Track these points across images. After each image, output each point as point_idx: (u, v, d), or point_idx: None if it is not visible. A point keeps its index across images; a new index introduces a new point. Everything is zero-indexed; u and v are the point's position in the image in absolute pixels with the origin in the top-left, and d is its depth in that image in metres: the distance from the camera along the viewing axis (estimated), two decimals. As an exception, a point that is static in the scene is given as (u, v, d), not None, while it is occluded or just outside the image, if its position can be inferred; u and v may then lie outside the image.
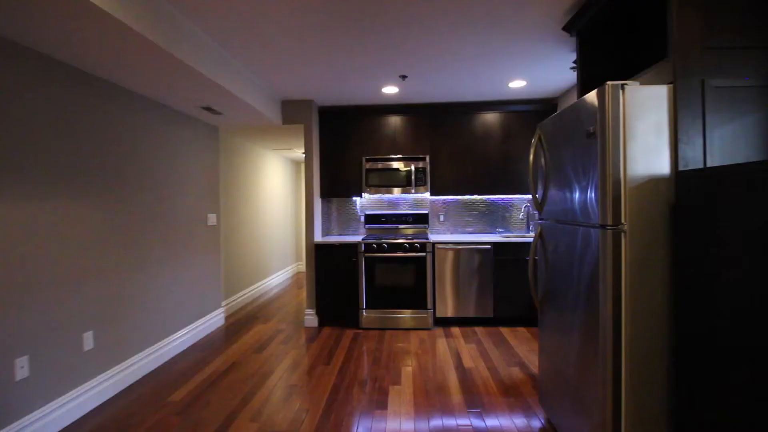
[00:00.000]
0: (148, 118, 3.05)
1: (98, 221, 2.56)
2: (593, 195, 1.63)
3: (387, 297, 3.90)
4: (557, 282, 2.02)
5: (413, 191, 4.14)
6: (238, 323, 4.17)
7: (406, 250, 3.89)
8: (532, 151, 2.22)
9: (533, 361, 3.08)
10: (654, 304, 1.54)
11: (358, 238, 4.09)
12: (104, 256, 2.61)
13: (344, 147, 4.26)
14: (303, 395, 2.59)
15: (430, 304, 3.88)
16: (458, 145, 4.20)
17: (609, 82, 1.52)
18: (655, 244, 1.53)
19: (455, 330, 3.87)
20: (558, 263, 2.01)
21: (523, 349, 3.35)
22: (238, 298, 4.80)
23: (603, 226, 1.56)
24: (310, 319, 4.03)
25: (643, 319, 1.54)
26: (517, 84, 3.60)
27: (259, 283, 5.51)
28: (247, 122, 3.96)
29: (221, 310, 4.17)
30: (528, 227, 4.47)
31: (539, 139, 2.22)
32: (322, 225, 4.40)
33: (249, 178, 5.26)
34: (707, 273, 1.35)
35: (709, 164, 1.53)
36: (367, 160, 4.18)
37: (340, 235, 4.61)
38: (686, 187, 1.47)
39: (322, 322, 4.08)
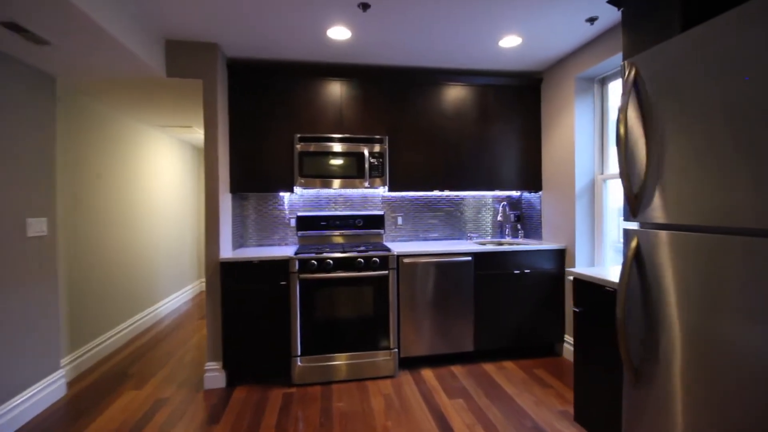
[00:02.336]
0: None
1: None
2: None
3: (332, 336, 2.71)
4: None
5: (366, 184, 3.02)
6: (92, 391, 2.62)
7: (359, 268, 2.75)
8: (621, 115, 1.27)
9: (549, 422, 2.18)
10: None
11: (288, 252, 2.83)
12: None
13: (267, 120, 2.97)
14: None
15: (393, 342, 2.79)
16: (425, 125, 3.18)
17: None
18: None
19: (427, 374, 2.84)
20: (699, 299, 1.06)
21: (526, 400, 2.43)
22: (98, 345, 3.18)
23: None
24: (214, 376, 2.65)
25: None
26: (510, 42, 2.70)
27: (139, 316, 3.88)
28: (102, 67, 2.45)
29: (59, 373, 2.57)
30: (503, 232, 3.64)
31: (633, 84, 1.27)
32: (234, 232, 3.05)
33: (121, 166, 3.63)
34: None
35: None
36: (302, 140, 2.94)
37: (261, 245, 3.29)
38: None
39: (233, 380, 2.74)
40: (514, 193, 3.67)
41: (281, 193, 3.29)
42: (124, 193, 3.66)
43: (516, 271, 2.99)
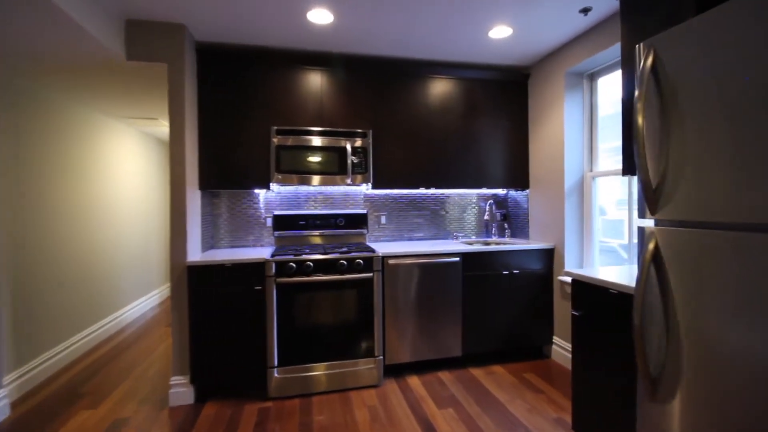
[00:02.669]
0: None
1: None
2: None
3: (312, 345, 2.52)
4: (728, 345, 0.97)
5: (348, 181, 2.84)
6: (41, 411, 2.32)
7: (342, 270, 2.57)
8: (640, 104, 1.15)
9: (546, 430, 2.07)
10: None
11: (264, 253, 2.62)
12: None
13: (241, 111, 2.74)
14: None
15: (378, 349, 2.62)
16: (410, 119, 3.03)
17: None
18: None
19: (413, 381, 2.69)
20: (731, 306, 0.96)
21: (518, 407, 2.32)
22: (50, 358, 2.86)
23: None
24: (180, 392, 2.41)
25: None
26: (501, 32, 2.58)
27: (99, 324, 3.56)
28: (51, 48, 2.17)
29: (1, 393, 2.27)
30: (489, 231, 3.54)
31: (652, 69, 1.16)
32: (204, 233, 2.81)
33: (77, 161, 3.30)
34: None
35: None
36: (279, 133, 2.74)
37: (234, 247, 3.06)
38: None
39: (203, 395, 2.50)
40: (500, 191, 3.57)
41: (256, 191, 3.07)
42: (80, 190, 3.34)
43: (505, 272, 2.89)
